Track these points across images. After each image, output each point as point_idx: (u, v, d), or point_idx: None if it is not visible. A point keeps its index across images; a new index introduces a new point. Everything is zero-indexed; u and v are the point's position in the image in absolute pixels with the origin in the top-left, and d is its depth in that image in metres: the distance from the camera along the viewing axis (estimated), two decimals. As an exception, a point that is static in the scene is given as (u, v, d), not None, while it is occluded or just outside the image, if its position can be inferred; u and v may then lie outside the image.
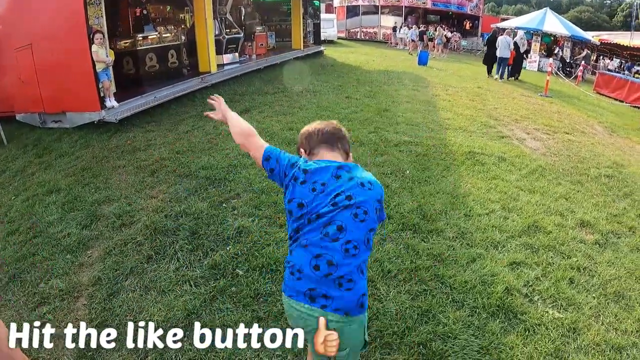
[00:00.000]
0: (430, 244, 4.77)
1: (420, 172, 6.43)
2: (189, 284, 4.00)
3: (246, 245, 4.56)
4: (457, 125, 8.78)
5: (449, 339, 3.65)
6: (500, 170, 6.98)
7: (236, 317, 3.64)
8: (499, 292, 4.24)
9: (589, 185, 7.65)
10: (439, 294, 4.13)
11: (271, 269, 4.25)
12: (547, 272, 4.82)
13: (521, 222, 5.61)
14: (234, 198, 5.51)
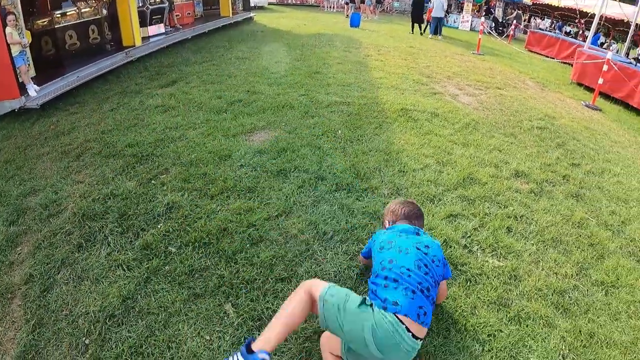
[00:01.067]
0: (365, 202, 4.70)
1: (353, 132, 6.34)
2: (122, 268, 3.82)
3: (177, 221, 4.38)
4: (389, 84, 8.70)
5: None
6: (433, 126, 6.96)
7: (173, 297, 3.49)
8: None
9: (522, 137, 7.76)
10: None
11: (204, 242, 4.09)
12: (484, 222, 4.83)
13: (456, 175, 5.62)
14: (162, 174, 5.30)
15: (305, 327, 3.27)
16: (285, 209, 4.49)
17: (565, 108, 11.00)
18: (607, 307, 4.24)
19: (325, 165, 5.29)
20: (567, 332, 3.79)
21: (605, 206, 6.13)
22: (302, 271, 3.76)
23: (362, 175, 5.16)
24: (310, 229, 4.23)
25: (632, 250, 5.32)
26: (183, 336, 3.19)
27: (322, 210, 4.51)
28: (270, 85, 8.27)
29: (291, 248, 3.99)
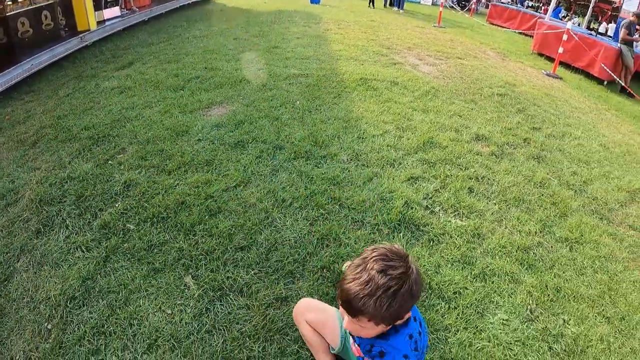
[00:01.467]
0: (324, 169, 4.64)
1: (311, 102, 6.26)
2: (81, 249, 3.70)
3: (135, 198, 4.28)
4: (349, 55, 8.61)
5: (351, 259, 3.55)
6: (393, 94, 6.92)
7: (132, 274, 3.40)
8: (399, 207, 4.20)
9: (482, 103, 7.80)
10: (337, 216, 4.03)
11: (162, 217, 4.00)
12: (445, 184, 4.83)
13: (416, 139, 5.60)
14: (119, 153, 5.17)
15: (267, 294, 3.22)
16: (244, 179, 4.42)
17: (526, 76, 11.08)
18: (572, 262, 4.30)
19: (283, 135, 5.22)
20: (533, 287, 3.81)
21: (567, 167, 6.19)
22: (261, 239, 3.70)
23: (320, 143, 5.10)
24: (269, 197, 4.16)
25: (594, 208, 5.41)
26: (144, 312, 3.11)
27: (281, 178, 4.44)
28: (228, 62, 8.14)
29: (250, 217, 3.92)
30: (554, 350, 3.36)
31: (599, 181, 6.20)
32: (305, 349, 2.92)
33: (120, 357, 2.79)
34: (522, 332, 3.41)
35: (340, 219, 3.97)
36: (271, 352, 2.88)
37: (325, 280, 3.34)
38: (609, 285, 4.22)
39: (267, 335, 2.96)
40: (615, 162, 7.16)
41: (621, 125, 9.73)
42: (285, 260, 3.49)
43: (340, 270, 3.41)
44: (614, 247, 4.84)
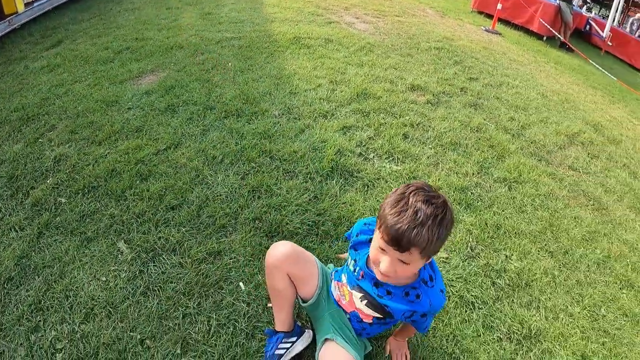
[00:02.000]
0: (255, 125, 4.56)
1: (243, 63, 6.12)
2: (15, 230, 3.55)
3: (65, 172, 4.13)
4: (284, 17, 8.43)
5: (284, 208, 3.52)
6: (327, 51, 6.83)
7: (66, 246, 3.28)
8: (331, 154, 4.16)
9: (419, 56, 7.78)
10: (268, 168, 3.97)
11: (92, 187, 3.88)
12: (379, 131, 4.81)
13: (350, 92, 5.55)
14: (49, 130, 4.97)
15: (199, 250, 3.15)
16: (174, 141, 4.30)
17: (465, 32, 11.13)
18: (511, 200, 4.37)
19: (214, 95, 5.09)
20: (472, 225, 3.85)
21: (504, 113, 6.26)
22: (192, 197, 3.61)
23: (251, 100, 5.00)
24: (199, 156, 4.06)
25: (533, 150, 5.51)
26: (80, 282, 3.01)
27: (212, 137, 4.34)
28: (160, 31, 7.89)
29: (181, 177, 3.83)
30: (497, 285, 3.41)
31: (537, 126, 6.29)
32: (242, 301, 2.88)
33: (59, 331, 2.71)
34: (463, 269, 3.43)
35: (272, 170, 3.91)
36: (206, 307, 2.84)
37: (258, 231, 3.29)
38: (550, 222, 4.31)
39: (201, 291, 2.91)
40: (554, 109, 7.30)
41: (560, 77, 9.90)
42: (217, 215, 3.42)
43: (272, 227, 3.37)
44: (554, 186, 4.93)
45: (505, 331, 3.09)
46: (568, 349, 3.16)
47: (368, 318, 2.36)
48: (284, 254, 2.37)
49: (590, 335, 3.36)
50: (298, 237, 3.29)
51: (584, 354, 3.18)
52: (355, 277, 2.33)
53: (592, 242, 4.37)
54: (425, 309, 2.20)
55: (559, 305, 3.49)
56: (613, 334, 3.45)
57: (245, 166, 3.93)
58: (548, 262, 3.87)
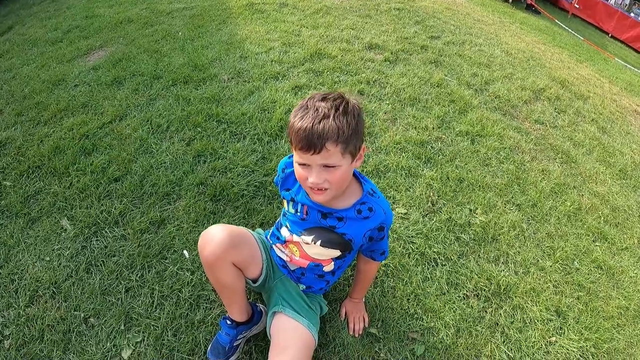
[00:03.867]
0: (203, 90, 4.32)
1: (193, 31, 5.85)
2: None
3: (11, 155, 3.88)
4: None
5: (230, 170, 3.32)
6: (281, 15, 6.54)
7: (10, 230, 3.07)
8: (280, 114, 3.95)
9: (378, 17, 7.53)
10: (215, 132, 3.75)
11: (36, 166, 3.64)
12: (333, 89, 4.57)
13: (303, 53, 5.31)
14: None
15: (142, 221, 2.95)
16: (119, 113, 4.04)
17: (428, -5, 10.84)
18: (475, 154, 4.22)
19: (162, 65, 4.83)
20: (433, 179, 3.69)
21: (467, 70, 6.09)
22: (136, 167, 3.39)
23: (200, 66, 4.74)
24: (144, 125, 3.81)
25: (497, 105, 5.37)
26: (24, 265, 2.82)
27: (158, 106, 4.08)
28: (111, 7, 7.52)
29: (125, 148, 3.59)
30: (462, 240, 3.26)
31: (501, 82, 6.13)
32: (186, 269, 2.70)
33: (6, 317, 2.54)
34: (424, 225, 3.27)
35: (218, 133, 3.68)
36: (149, 278, 2.67)
37: (202, 196, 3.09)
38: (516, 175, 4.18)
39: (144, 262, 2.74)
40: (519, 66, 7.13)
41: (525, 36, 9.75)
42: (160, 183, 3.21)
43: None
44: (520, 139, 4.80)
45: (471, 288, 2.94)
46: (541, 304, 3.02)
47: (328, 263, 2.20)
48: (221, 244, 2.05)
49: (564, 289, 3.23)
50: (244, 199, 3.09)
51: (559, 309, 3.05)
52: (298, 218, 2.14)
53: (562, 194, 4.25)
54: (381, 219, 2.08)
55: (529, 259, 3.35)
56: (588, 288, 3.33)
57: (191, 132, 3.70)
58: (515, 215, 3.71)
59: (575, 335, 2.92)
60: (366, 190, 2.04)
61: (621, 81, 9.66)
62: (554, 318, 2.97)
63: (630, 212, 4.55)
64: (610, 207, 4.41)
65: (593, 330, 3.00)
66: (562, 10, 17.32)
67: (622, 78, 10.06)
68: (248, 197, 3.10)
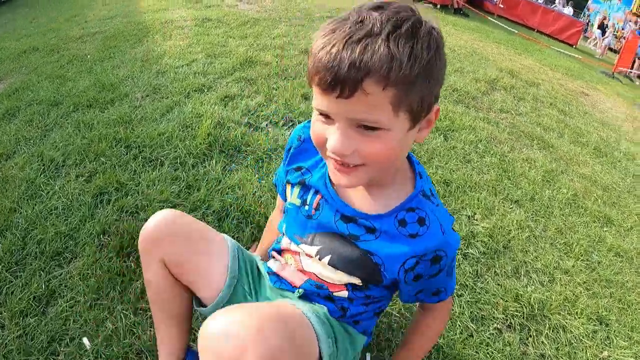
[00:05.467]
0: (110, 112, 3.24)
1: (105, 52, 4.75)
2: None
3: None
4: (158, 7, 6.99)
5: (142, 209, 2.27)
6: (204, 29, 5.54)
7: None
8: (208, 128, 2.92)
9: (311, 25, 6.85)
10: (122, 161, 2.67)
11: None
12: (272, 96, 3.68)
13: (232, 62, 4.34)
14: None
15: (23, 297, 1.90)
16: (7, 151, 2.92)
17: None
18: (452, 151, 3.74)
19: (63, 90, 3.70)
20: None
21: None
22: (19, 219, 2.29)
23: (108, 87, 3.64)
24: (34, 162, 2.72)
25: (457, 98, 5.09)
26: None
27: (53, 137, 2.95)
28: (18, 40, 6.39)
29: (8, 194, 2.50)
30: (471, 256, 2.55)
31: (454, 75, 5.93)
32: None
33: None
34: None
35: (127, 162, 2.59)
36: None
37: (105, 250, 2.04)
38: (502, 168, 3.76)
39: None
40: (465, 60, 7.05)
41: (462, 35, 9.92)
42: (48, 237, 2.12)
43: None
44: (492, 130, 4.48)
45: (501, 318, 2.20)
46: (581, 315, 2.39)
47: (339, 289, 1.28)
48: (158, 225, 1.32)
49: (596, 290, 2.66)
50: None
51: (599, 316, 2.45)
52: (304, 215, 1.28)
53: (554, 182, 3.86)
54: (436, 242, 1.15)
55: (550, 263, 2.75)
56: (616, 281, 2.84)
57: (92, 164, 2.61)
58: (518, 214, 3.13)
59: (624, 341, 2.34)
60: (420, 189, 1.18)
61: (561, 67, 9.97)
62: (599, 328, 2.37)
63: (620, 189, 4.35)
64: (602, 188, 4.16)
65: (639, 329, 2.47)
66: (487, 12, 17.47)
67: (560, 64, 10.39)
68: None
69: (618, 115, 7.75)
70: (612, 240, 3.25)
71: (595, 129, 5.92)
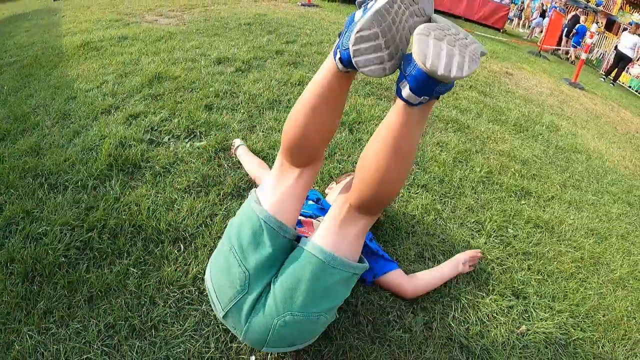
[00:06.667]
0: (20, 144, 3.25)
1: (20, 82, 4.74)
2: None
3: None
4: (78, 30, 6.94)
5: (46, 234, 2.33)
6: (119, 48, 5.56)
7: None
8: (109, 150, 3.03)
9: (227, 34, 6.89)
10: (30, 190, 2.69)
11: None
12: (176, 110, 3.79)
13: (140, 79, 4.42)
14: None
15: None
16: None
17: (280, 9, 10.45)
18: (357, 144, 3.81)
19: None
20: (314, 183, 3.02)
21: (328, 63, 5.50)
22: None
23: (20, 117, 3.66)
24: None
25: (369, 90, 5.15)
26: None
27: None
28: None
29: None
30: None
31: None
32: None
33: None
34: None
35: (34, 191, 2.66)
36: None
37: (13, 277, 2.08)
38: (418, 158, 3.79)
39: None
40: None
41: None
42: None
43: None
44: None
45: (403, 304, 2.29)
46: (492, 291, 2.51)
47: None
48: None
49: (510, 264, 2.78)
50: (64, 268, 2.16)
51: (516, 290, 2.57)
52: None
53: (467, 162, 3.94)
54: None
55: (459, 243, 2.86)
56: (535, 252, 2.96)
57: (2, 197, 2.65)
58: (425, 198, 3.20)
59: (545, 312, 2.45)
60: None
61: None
62: (515, 302, 2.46)
63: (541, 161, 4.52)
64: (521, 162, 4.30)
65: (560, 298, 2.60)
66: None
67: (486, 48, 10.31)
68: (68, 266, 2.18)
69: (543, 90, 8.03)
70: (531, 212, 3.37)
71: (517, 106, 6.11)
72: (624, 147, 6.13)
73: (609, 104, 9.51)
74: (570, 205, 3.72)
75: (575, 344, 2.28)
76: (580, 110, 7.59)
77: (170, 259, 2.28)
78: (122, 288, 2.10)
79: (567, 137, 5.53)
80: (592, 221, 3.56)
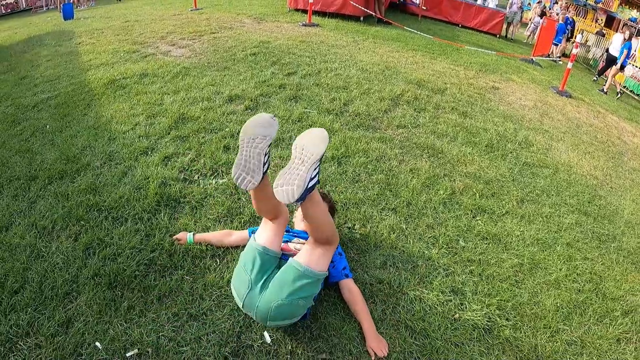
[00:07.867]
0: (78, 182, 4.37)
1: (60, 121, 5.81)
2: None
3: None
4: (99, 62, 8.12)
5: (119, 255, 3.43)
6: (142, 86, 6.68)
7: None
8: (154, 188, 4.14)
9: (235, 67, 7.86)
10: (98, 222, 3.81)
11: None
12: (201, 151, 4.86)
13: (167, 121, 5.51)
14: None
15: (50, 325, 3.00)
16: (4, 223, 3.92)
17: (282, 32, 11.28)
18: (343, 175, 4.64)
19: (35, 164, 4.79)
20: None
21: (325, 97, 6.51)
22: (32, 274, 3.35)
23: (72, 158, 4.78)
24: (30, 230, 3.77)
25: (358, 122, 5.87)
26: None
27: (39, 208, 4.05)
28: (-24, 113, 7.28)
29: (18, 257, 3.48)
30: (348, 257, 3.50)
31: (360, 99, 6.63)
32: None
33: None
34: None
35: (101, 222, 3.79)
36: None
37: (100, 286, 3.18)
38: (387, 182, 4.59)
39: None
40: (375, 79, 7.71)
41: (379, 49, 10.41)
42: (58, 284, 3.24)
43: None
44: (385, 148, 5.23)
45: (368, 295, 3.24)
46: (435, 289, 3.36)
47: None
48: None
49: (454, 269, 3.61)
50: (138, 279, 3.25)
51: (454, 288, 3.42)
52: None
53: (433, 186, 4.66)
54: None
55: (414, 253, 3.71)
56: (478, 260, 3.75)
57: (75, 227, 3.77)
58: (393, 219, 4.08)
59: (477, 305, 3.28)
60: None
61: (475, 64, 10.57)
62: (452, 298, 3.33)
63: (504, 179, 5.15)
64: (484, 182, 4.92)
65: (492, 295, 3.40)
66: (412, 15, 18.42)
67: (475, 62, 10.95)
68: (141, 277, 3.26)
69: (526, 104, 8.52)
70: (482, 227, 4.15)
71: (494, 125, 6.71)
72: (598, 157, 6.75)
73: (595, 110, 9.94)
74: (522, 218, 4.49)
75: (498, 329, 3.13)
76: (562, 121, 8.13)
77: (211, 269, 3.37)
78: (180, 290, 3.19)
79: (538, 153, 6.21)
80: (540, 232, 4.33)
